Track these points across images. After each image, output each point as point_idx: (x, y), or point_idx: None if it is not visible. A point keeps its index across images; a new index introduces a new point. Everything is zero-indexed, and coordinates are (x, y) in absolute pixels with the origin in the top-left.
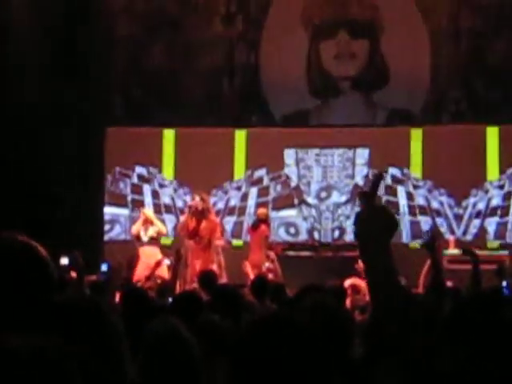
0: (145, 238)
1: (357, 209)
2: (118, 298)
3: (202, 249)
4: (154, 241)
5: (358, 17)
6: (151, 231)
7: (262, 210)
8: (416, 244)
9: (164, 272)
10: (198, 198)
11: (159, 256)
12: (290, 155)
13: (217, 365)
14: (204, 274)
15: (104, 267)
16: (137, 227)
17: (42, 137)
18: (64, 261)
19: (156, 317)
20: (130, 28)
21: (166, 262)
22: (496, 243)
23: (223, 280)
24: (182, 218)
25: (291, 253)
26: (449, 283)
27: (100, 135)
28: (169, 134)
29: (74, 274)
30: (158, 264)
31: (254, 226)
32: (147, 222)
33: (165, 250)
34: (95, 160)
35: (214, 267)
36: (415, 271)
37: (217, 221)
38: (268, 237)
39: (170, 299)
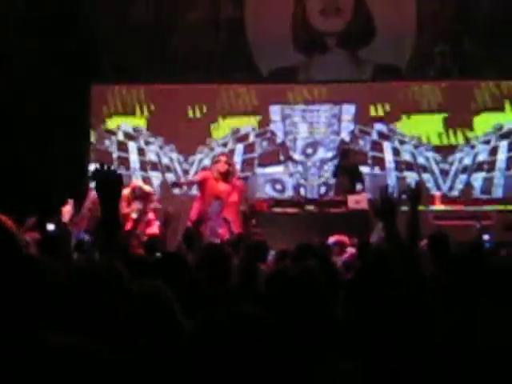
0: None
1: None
2: None
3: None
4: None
5: None
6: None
7: None
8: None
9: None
10: (223, 159)
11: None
12: (275, 111)
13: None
14: (188, 232)
15: (50, 226)
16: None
17: (24, 92)
18: (50, 227)
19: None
20: None
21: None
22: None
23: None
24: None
25: (277, 209)
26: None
27: (85, 92)
28: (154, 91)
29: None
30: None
31: None
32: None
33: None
34: (80, 117)
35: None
36: None
37: (239, 184)
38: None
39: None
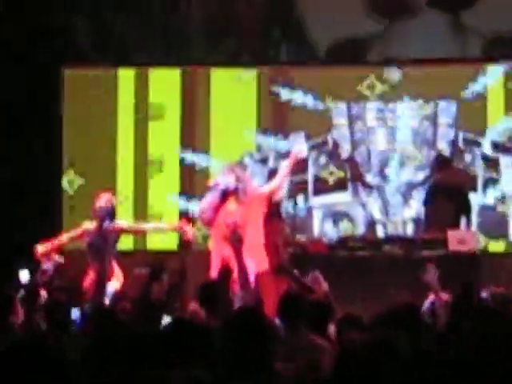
0: None
1: None
2: None
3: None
4: None
5: None
6: None
7: None
8: None
9: None
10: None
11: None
12: (339, 111)
13: None
14: (206, 287)
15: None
16: None
17: None
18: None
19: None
20: None
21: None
22: None
23: None
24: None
25: (342, 253)
26: None
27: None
28: (169, 74)
29: None
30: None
31: None
32: None
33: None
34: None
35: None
36: None
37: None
38: None
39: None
